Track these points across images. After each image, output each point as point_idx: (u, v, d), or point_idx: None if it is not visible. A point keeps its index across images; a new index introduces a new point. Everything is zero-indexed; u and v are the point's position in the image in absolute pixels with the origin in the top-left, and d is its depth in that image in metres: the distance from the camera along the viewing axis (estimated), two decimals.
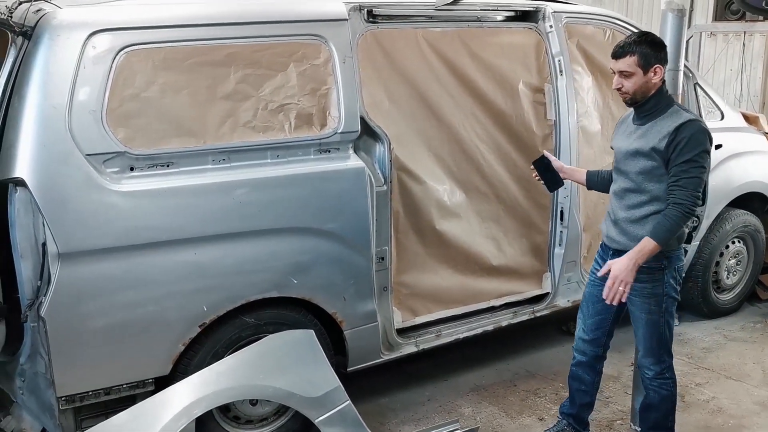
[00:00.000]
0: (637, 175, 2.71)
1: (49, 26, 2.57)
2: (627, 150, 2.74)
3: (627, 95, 2.70)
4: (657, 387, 2.88)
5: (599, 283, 2.92)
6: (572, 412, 3.15)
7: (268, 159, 2.92)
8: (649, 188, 2.70)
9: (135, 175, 2.68)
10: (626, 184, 2.76)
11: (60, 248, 2.55)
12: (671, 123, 2.64)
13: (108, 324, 2.69)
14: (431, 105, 3.39)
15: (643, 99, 2.70)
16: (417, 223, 3.40)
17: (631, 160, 2.72)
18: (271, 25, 2.96)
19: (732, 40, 7.76)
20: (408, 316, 3.46)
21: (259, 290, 2.95)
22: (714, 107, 4.41)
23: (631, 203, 2.75)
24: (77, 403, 2.71)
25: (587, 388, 3.09)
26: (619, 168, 2.81)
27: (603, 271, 2.71)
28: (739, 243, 4.64)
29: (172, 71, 2.74)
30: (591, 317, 2.99)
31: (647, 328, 2.80)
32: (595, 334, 3.00)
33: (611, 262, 2.68)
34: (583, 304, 3.05)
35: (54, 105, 2.54)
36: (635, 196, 2.74)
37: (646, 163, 2.68)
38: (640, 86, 2.66)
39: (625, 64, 2.65)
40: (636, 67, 2.64)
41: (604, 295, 2.69)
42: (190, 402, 2.75)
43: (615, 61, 2.68)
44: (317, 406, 2.95)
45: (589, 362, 3.04)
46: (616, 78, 2.70)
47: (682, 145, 2.59)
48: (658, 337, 2.81)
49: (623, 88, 2.68)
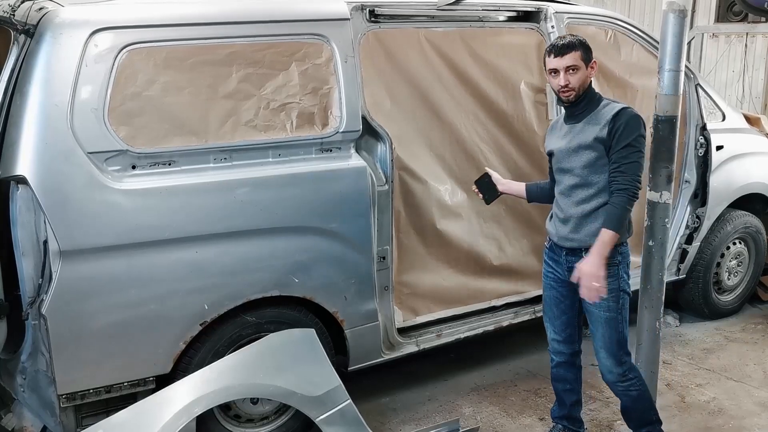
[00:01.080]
0: (583, 168, 2.76)
1: (52, 24, 2.58)
2: (568, 147, 2.79)
3: (572, 92, 2.75)
4: (624, 390, 2.89)
5: (555, 286, 2.97)
6: (564, 414, 3.16)
7: (270, 158, 2.93)
8: (595, 180, 2.75)
9: (137, 173, 2.69)
10: (572, 180, 2.80)
11: (61, 246, 2.55)
12: (608, 112, 2.73)
13: (109, 322, 2.69)
14: (433, 105, 3.39)
15: (580, 95, 2.76)
16: (418, 223, 3.41)
17: (574, 155, 2.77)
18: (273, 25, 2.96)
19: (734, 41, 7.76)
20: (409, 316, 3.46)
21: (260, 289, 2.95)
22: (716, 108, 4.41)
23: (579, 198, 2.79)
24: (78, 401, 2.71)
25: (572, 386, 3.11)
26: (562, 167, 2.84)
27: (575, 277, 2.73)
28: (740, 244, 4.63)
29: (173, 70, 2.74)
30: (558, 318, 3.02)
31: (606, 326, 2.82)
32: (566, 332, 3.02)
33: (579, 265, 2.72)
34: (546, 308, 3.07)
35: (56, 103, 2.54)
36: (583, 190, 2.78)
37: (590, 155, 2.73)
38: (583, 81, 2.75)
39: (572, 59, 2.71)
40: (580, 62, 2.73)
41: (582, 296, 2.73)
42: (191, 400, 2.75)
43: (560, 58, 2.73)
44: (318, 405, 2.95)
45: (568, 360, 3.07)
46: (561, 77, 2.73)
47: (621, 130, 2.68)
48: (617, 336, 2.83)
49: (570, 84, 2.73)
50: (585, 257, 2.72)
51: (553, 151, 2.90)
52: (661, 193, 2.91)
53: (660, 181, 2.92)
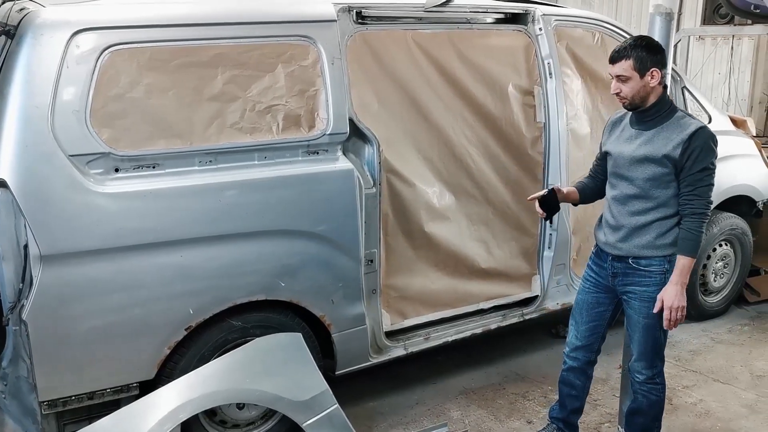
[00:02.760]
0: (645, 181, 2.69)
1: (32, 25, 2.53)
2: (632, 156, 2.71)
3: (625, 100, 2.69)
4: (646, 392, 2.88)
5: (594, 290, 2.93)
6: (562, 416, 3.14)
7: (256, 160, 2.90)
8: (656, 195, 2.69)
9: (120, 176, 2.65)
10: (631, 190, 2.73)
11: (42, 250, 2.51)
12: (683, 130, 2.63)
13: (92, 327, 2.65)
14: (421, 107, 3.38)
15: (642, 103, 2.68)
16: (406, 226, 3.39)
17: (638, 166, 2.70)
18: (259, 26, 2.93)
19: (720, 43, 7.82)
20: (397, 319, 3.44)
21: (247, 293, 2.92)
22: (702, 110, 4.43)
23: (636, 210, 2.73)
24: (60, 408, 2.67)
25: (578, 393, 3.08)
26: (621, 174, 2.76)
27: (657, 307, 2.68)
28: (727, 246, 4.65)
29: (157, 71, 2.70)
30: (585, 324, 2.98)
31: (644, 332, 2.80)
32: (588, 340, 2.99)
33: (662, 294, 2.67)
34: (575, 311, 3.03)
35: (37, 105, 2.50)
36: (641, 202, 2.72)
37: (656, 170, 2.66)
38: (638, 90, 2.65)
39: (621, 68, 2.64)
40: (632, 71, 2.62)
41: (665, 327, 2.69)
42: (176, 406, 2.72)
43: (612, 65, 2.67)
44: (305, 410, 2.92)
45: (581, 367, 3.04)
46: (614, 83, 2.69)
47: (697, 153, 2.59)
48: (653, 342, 2.81)
49: (621, 92, 2.67)
50: (667, 286, 2.66)
51: (611, 153, 2.80)
52: None
53: None
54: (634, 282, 2.77)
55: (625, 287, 2.81)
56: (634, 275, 2.77)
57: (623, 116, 2.85)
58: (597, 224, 2.95)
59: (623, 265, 2.79)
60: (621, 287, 2.83)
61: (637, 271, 2.76)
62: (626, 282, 2.80)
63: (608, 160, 2.85)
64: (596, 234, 2.93)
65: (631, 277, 2.78)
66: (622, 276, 2.81)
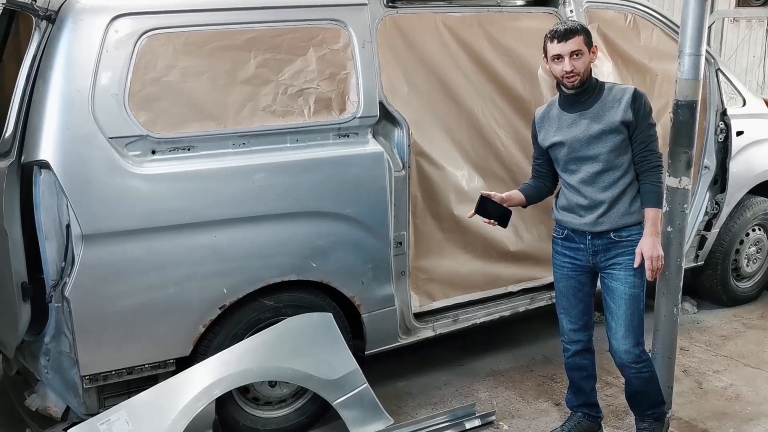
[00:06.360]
0: (609, 153, 2.73)
1: (72, 10, 2.60)
2: (587, 135, 2.74)
3: (578, 77, 2.70)
4: (637, 372, 2.86)
5: (574, 274, 2.93)
6: (582, 401, 3.14)
7: (288, 143, 2.94)
8: (619, 163, 2.75)
9: (156, 158, 2.72)
10: (596, 167, 2.76)
11: (83, 230, 2.59)
12: (623, 95, 2.73)
13: (130, 305, 2.73)
14: (450, 90, 3.38)
15: (587, 80, 2.74)
16: (435, 208, 3.41)
17: (598, 142, 2.73)
18: (291, 10, 2.96)
19: (755, 26, 7.65)
20: (425, 301, 3.47)
21: (278, 273, 2.97)
22: (736, 93, 4.35)
23: (607, 183, 2.77)
24: (100, 382, 2.76)
25: (590, 372, 3.09)
26: (581, 156, 2.77)
27: (638, 260, 2.73)
28: (760, 231, 4.59)
29: (193, 55, 2.76)
30: (575, 307, 2.99)
31: (631, 303, 2.80)
32: (583, 320, 3.01)
33: (640, 246, 2.73)
34: (561, 299, 3.01)
35: (77, 88, 2.57)
36: (609, 174, 2.76)
37: (616, 138, 2.72)
38: (587, 66, 2.72)
39: (576, 44, 2.67)
40: (584, 46, 2.69)
41: (648, 277, 2.75)
42: (211, 383, 2.80)
43: (564, 43, 2.67)
44: (335, 388, 2.98)
45: (584, 347, 3.05)
46: (566, 62, 2.67)
47: (643, 110, 2.72)
48: (639, 314, 2.82)
49: (575, 69, 2.68)
50: (642, 239, 2.72)
51: (562, 142, 2.81)
52: (681, 178, 2.89)
53: (679, 166, 2.89)
54: (618, 254, 2.79)
55: (608, 261, 2.82)
56: (616, 248, 2.79)
57: (548, 109, 2.89)
58: (558, 211, 2.92)
59: (604, 242, 2.80)
60: (604, 262, 2.83)
61: (619, 243, 2.79)
62: (609, 256, 2.81)
63: (556, 151, 2.84)
64: (563, 219, 2.90)
65: (613, 250, 2.80)
66: (603, 252, 2.82)
